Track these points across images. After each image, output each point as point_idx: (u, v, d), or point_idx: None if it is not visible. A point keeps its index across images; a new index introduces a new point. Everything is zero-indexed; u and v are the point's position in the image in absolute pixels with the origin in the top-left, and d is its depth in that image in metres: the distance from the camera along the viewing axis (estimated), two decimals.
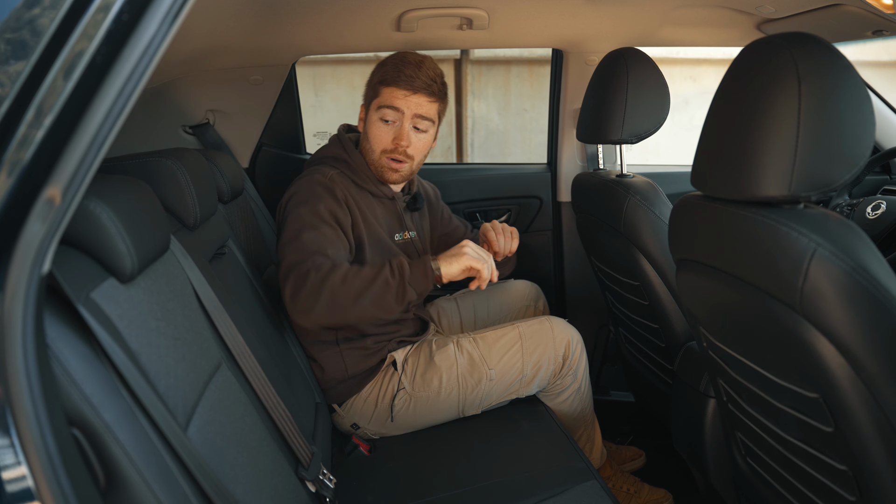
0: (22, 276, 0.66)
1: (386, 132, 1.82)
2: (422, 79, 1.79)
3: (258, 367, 1.32)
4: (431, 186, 2.19)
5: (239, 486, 1.02)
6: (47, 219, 0.67)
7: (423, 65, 1.81)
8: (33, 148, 0.65)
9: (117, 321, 0.89)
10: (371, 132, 1.84)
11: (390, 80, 1.79)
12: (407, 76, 1.77)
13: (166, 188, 1.34)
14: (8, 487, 0.66)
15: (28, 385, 0.66)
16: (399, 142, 1.80)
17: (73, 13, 0.67)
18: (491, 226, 1.94)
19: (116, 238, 0.93)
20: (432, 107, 1.83)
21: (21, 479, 0.66)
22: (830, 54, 1.01)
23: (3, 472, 0.66)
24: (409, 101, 1.79)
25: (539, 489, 1.48)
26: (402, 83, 1.78)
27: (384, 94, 1.80)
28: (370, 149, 1.84)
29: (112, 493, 0.77)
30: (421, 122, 1.82)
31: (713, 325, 1.31)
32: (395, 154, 1.82)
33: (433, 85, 1.82)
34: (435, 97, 1.83)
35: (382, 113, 1.80)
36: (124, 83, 0.68)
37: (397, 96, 1.79)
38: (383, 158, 1.83)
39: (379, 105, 1.81)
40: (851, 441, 1.04)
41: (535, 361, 1.84)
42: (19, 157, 0.65)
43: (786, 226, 1.01)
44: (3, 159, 0.65)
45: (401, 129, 1.81)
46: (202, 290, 1.26)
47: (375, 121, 1.82)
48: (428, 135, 1.87)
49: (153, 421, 0.84)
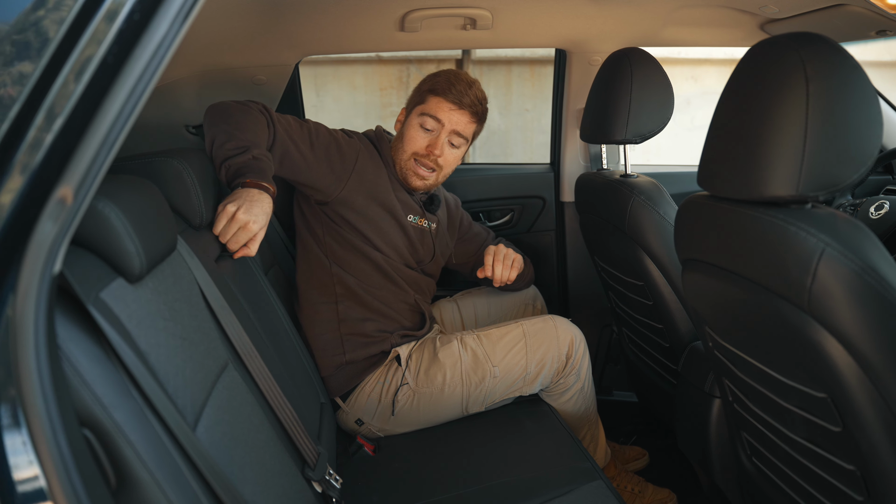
0: (34, 277, 0.66)
1: (422, 137, 1.89)
2: (470, 97, 1.87)
3: (264, 366, 1.32)
4: (454, 197, 2.24)
5: (247, 486, 1.02)
6: (59, 219, 0.67)
7: (473, 85, 1.90)
8: (45, 148, 0.65)
9: (126, 321, 0.89)
10: (407, 134, 1.91)
11: (440, 91, 1.87)
12: (457, 91, 1.86)
13: (172, 188, 1.34)
14: (20, 488, 0.66)
15: (40, 385, 0.66)
16: (433, 149, 1.88)
17: (83, 13, 0.67)
18: (494, 250, 1.99)
19: (125, 238, 0.93)
20: (471, 126, 1.92)
21: (33, 479, 0.66)
22: (838, 54, 1.01)
23: (16, 472, 0.66)
24: (452, 116, 1.87)
25: (545, 489, 1.48)
26: (451, 97, 1.86)
27: (430, 102, 1.88)
28: (402, 149, 1.91)
29: (123, 493, 0.77)
30: (457, 138, 1.90)
31: (719, 325, 1.31)
32: (426, 160, 1.88)
33: (478, 106, 1.90)
34: (476, 118, 1.92)
35: (423, 120, 1.88)
36: (135, 83, 0.68)
37: (442, 108, 1.87)
38: (412, 161, 1.90)
39: (422, 112, 1.88)
40: (860, 441, 1.04)
41: (538, 359, 1.84)
42: (31, 158, 0.65)
43: (794, 226, 1.01)
44: (16, 159, 0.65)
45: (437, 138, 1.88)
46: (208, 290, 1.26)
47: (414, 125, 1.90)
48: (460, 151, 1.94)
49: (163, 421, 0.84)
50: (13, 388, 0.66)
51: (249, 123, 1.61)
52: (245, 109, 1.65)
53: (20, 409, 0.66)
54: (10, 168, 0.64)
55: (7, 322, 0.66)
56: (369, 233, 1.85)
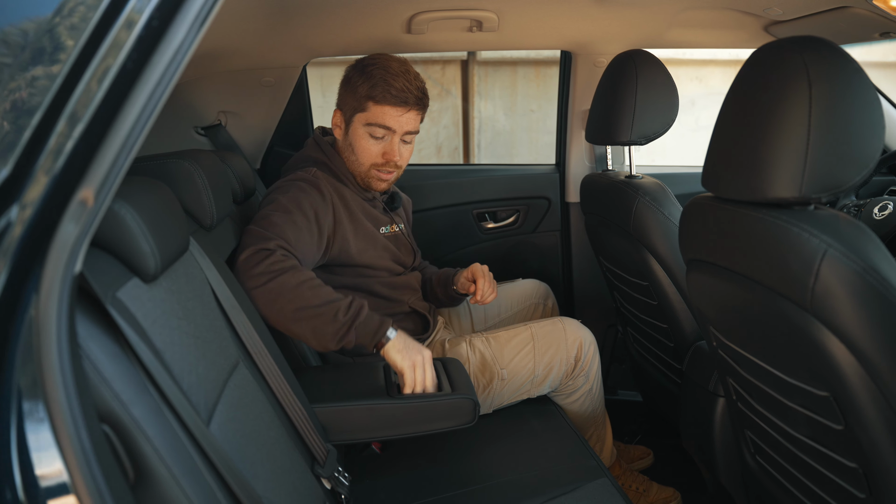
0: (56, 276, 0.68)
1: (375, 147, 1.79)
2: (413, 93, 1.75)
3: (274, 365, 1.34)
4: (408, 199, 2.17)
5: (259, 482, 1.04)
6: (80, 220, 0.69)
7: (409, 74, 1.76)
8: (67, 152, 0.67)
9: (142, 320, 0.91)
10: (358, 146, 1.80)
11: (380, 97, 1.73)
12: (398, 90, 1.72)
13: (184, 189, 1.36)
14: (43, 482, 0.68)
15: (63, 383, 0.68)
16: (391, 157, 1.79)
17: (104, 21, 0.68)
18: (483, 272, 1.93)
19: (140, 239, 0.95)
20: (419, 118, 1.83)
21: (57, 473, 0.68)
22: (841, 58, 1.03)
23: (39, 467, 0.68)
24: (401, 119, 1.76)
25: (550, 486, 1.49)
26: (395, 100, 1.73)
27: (374, 111, 1.75)
28: (357, 162, 1.81)
29: (141, 487, 0.79)
30: (408, 135, 1.82)
31: (724, 325, 1.32)
32: (386, 167, 1.81)
33: (423, 98, 1.79)
34: (424, 110, 1.82)
35: (372, 130, 1.77)
36: (154, 88, 0.70)
37: (388, 115, 1.75)
38: (372, 171, 1.82)
39: (368, 121, 1.76)
40: (862, 439, 1.05)
41: (546, 362, 1.85)
42: (53, 162, 0.67)
43: (797, 226, 1.02)
44: (39, 163, 0.66)
45: (391, 144, 1.78)
46: (220, 290, 1.28)
47: (363, 135, 1.78)
48: (413, 143, 1.86)
49: (179, 417, 0.86)
50: (37, 385, 0.68)
51: (306, 288, 1.50)
52: (279, 272, 1.49)
53: (43, 405, 0.68)
54: (34, 171, 0.66)
55: (30, 321, 0.68)
56: (359, 261, 1.80)
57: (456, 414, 1.52)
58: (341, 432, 1.49)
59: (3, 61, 0.67)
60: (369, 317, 1.52)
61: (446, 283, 2.03)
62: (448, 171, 2.76)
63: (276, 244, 1.52)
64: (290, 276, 1.48)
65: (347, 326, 1.49)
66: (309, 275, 1.52)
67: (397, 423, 1.51)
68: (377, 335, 1.51)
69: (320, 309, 1.48)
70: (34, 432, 0.68)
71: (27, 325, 0.68)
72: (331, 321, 1.48)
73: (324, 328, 1.48)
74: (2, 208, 0.65)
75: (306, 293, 1.48)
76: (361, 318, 1.50)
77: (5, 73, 0.66)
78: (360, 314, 1.50)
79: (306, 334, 1.50)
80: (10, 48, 0.67)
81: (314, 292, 1.49)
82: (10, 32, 0.67)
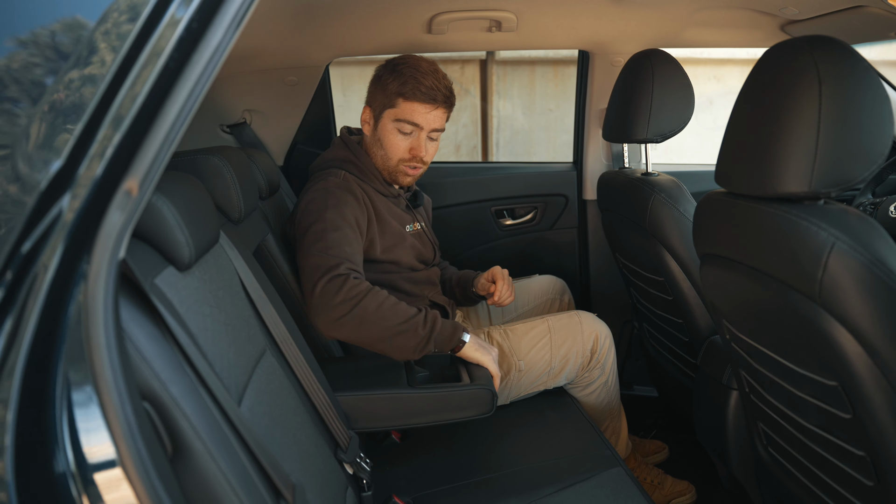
0: (103, 261, 0.73)
1: (403, 142, 1.85)
2: (441, 91, 1.81)
3: (299, 354, 1.39)
4: (429, 198, 2.21)
5: (287, 463, 1.08)
6: (126, 209, 0.73)
7: (438, 74, 1.83)
8: (115, 144, 0.71)
9: (178, 306, 0.96)
10: (387, 141, 1.86)
11: (410, 94, 1.79)
12: (428, 88, 1.79)
13: (213, 184, 1.41)
14: (91, 457, 0.72)
15: (110, 362, 0.72)
16: (417, 153, 1.85)
17: (148, 23, 0.73)
18: (502, 275, 1.99)
19: (176, 229, 1.00)
20: (446, 116, 1.89)
21: (104, 447, 0.72)
22: (850, 57, 1.06)
23: (87, 443, 0.72)
24: (429, 116, 1.82)
25: (566, 475, 1.53)
26: (423, 97, 1.79)
27: (403, 107, 1.81)
28: (385, 156, 1.87)
29: (178, 461, 0.84)
30: (435, 132, 1.88)
31: (736, 318, 1.35)
32: (412, 162, 1.87)
33: (451, 97, 1.86)
34: (450, 108, 1.88)
35: (400, 126, 1.83)
36: (193, 86, 0.75)
37: (417, 112, 1.81)
38: (400, 165, 1.88)
39: (397, 118, 1.82)
40: (869, 427, 1.08)
41: (563, 354, 1.89)
42: (102, 153, 0.71)
43: (806, 220, 1.05)
44: (89, 155, 0.71)
45: (418, 140, 1.85)
46: (248, 281, 1.33)
47: (392, 131, 1.85)
48: (438, 141, 1.93)
49: (214, 397, 0.91)
50: (85, 364, 0.72)
51: (387, 310, 1.58)
52: (357, 299, 1.56)
53: (91, 384, 0.73)
54: (84, 163, 0.71)
55: (79, 304, 0.73)
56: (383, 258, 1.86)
57: (474, 404, 1.56)
58: (363, 420, 1.54)
59: (57, 61, 0.72)
60: (444, 326, 1.63)
61: (465, 284, 2.09)
62: (467, 169, 2.80)
63: (346, 268, 1.60)
64: (369, 300, 1.57)
65: (426, 339, 1.60)
66: (383, 294, 1.61)
67: (417, 412, 1.56)
68: (453, 341, 1.64)
69: (402, 327, 1.58)
70: (83, 410, 0.73)
71: (76, 307, 0.72)
72: (412, 337, 1.59)
73: (405, 344, 1.59)
74: (55, 197, 0.70)
75: (388, 314, 1.57)
76: (437, 329, 1.61)
77: (60, 72, 0.71)
78: (437, 326, 1.62)
79: (389, 350, 1.60)
80: (63, 49, 0.72)
81: (394, 312, 1.59)
82: (63, 34, 0.72)
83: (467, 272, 2.13)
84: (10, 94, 0.70)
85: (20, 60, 0.71)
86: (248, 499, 0.88)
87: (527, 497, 1.46)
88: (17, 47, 0.71)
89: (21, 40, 0.71)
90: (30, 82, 0.71)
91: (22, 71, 0.71)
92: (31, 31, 0.71)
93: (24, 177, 0.69)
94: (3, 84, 0.70)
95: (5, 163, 0.69)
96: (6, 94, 0.70)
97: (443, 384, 1.55)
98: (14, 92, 0.71)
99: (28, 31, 0.71)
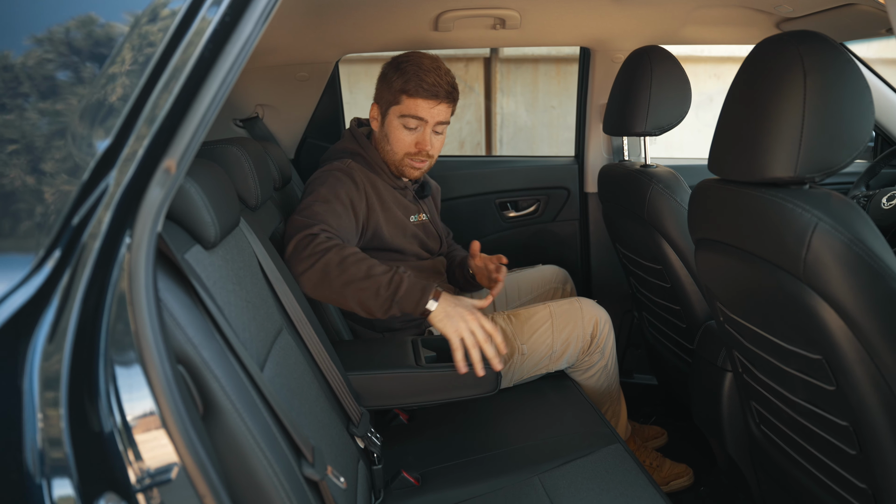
0: (144, 232, 0.80)
1: (409, 137, 1.91)
2: (444, 87, 1.87)
3: (314, 333, 1.46)
4: (436, 185, 2.28)
5: (304, 429, 1.16)
6: (165, 185, 0.81)
7: (440, 70, 1.88)
8: (156, 127, 0.79)
9: (206, 280, 1.03)
10: (393, 136, 1.92)
11: (413, 90, 1.85)
12: (430, 85, 1.84)
13: (232, 172, 1.48)
14: (134, 413, 0.79)
15: (150, 325, 0.80)
16: (423, 147, 1.92)
17: (186, 18, 0.80)
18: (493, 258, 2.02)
19: (203, 210, 1.08)
20: (450, 111, 1.94)
21: (146, 403, 0.79)
22: (833, 50, 1.13)
23: (130, 399, 0.79)
24: (433, 111, 1.88)
25: (566, 451, 1.60)
26: (427, 94, 1.85)
27: (407, 103, 1.87)
28: (392, 151, 1.94)
29: (209, 419, 0.91)
30: (440, 126, 1.94)
31: (728, 299, 1.43)
32: (419, 156, 1.94)
33: (453, 92, 1.91)
34: (454, 102, 1.94)
35: (405, 121, 1.89)
36: (226, 74, 0.82)
37: (421, 107, 1.87)
38: (405, 160, 1.94)
39: (402, 113, 1.88)
40: (850, 397, 1.15)
41: (564, 339, 1.96)
42: (146, 134, 0.79)
43: (791, 203, 1.13)
44: (133, 135, 0.78)
45: (423, 134, 1.91)
46: (265, 263, 1.40)
47: (397, 126, 1.91)
48: (444, 134, 1.99)
49: (241, 362, 0.98)
50: (128, 328, 0.79)
51: (350, 263, 1.59)
52: (323, 252, 1.60)
53: (133, 344, 0.80)
54: (129, 142, 0.78)
55: (122, 271, 0.80)
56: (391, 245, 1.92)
57: (479, 383, 1.63)
58: (373, 398, 1.61)
59: (104, 51, 0.79)
60: (410, 290, 1.57)
61: (463, 266, 2.17)
62: (472, 163, 2.88)
63: (319, 228, 1.65)
64: (334, 253, 1.59)
65: (390, 301, 1.57)
66: (352, 249, 1.62)
67: (424, 391, 1.63)
68: (419, 306, 1.57)
69: (363, 283, 1.56)
70: (125, 369, 0.79)
71: (119, 273, 0.79)
72: (374, 296, 1.57)
73: (368, 302, 1.58)
74: (103, 172, 0.77)
75: (350, 268, 1.57)
76: (401, 292, 1.57)
77: (107, 61, 0.78)
78: (400, 289, 1.57)
79: (355, 307, 1.60)
80: (109, 41, 0.79)
81: (357, 266, 1.58)
82: (109, 26, 0.79)
83: (465, 257, 2.19)
84: (59, 79, 0.78)
85: (73, 46, 0.78)
86: (272, 455, 0.95)
87: (529, 471, 1.53)
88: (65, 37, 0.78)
89: (57, 34, 0.78)
90: (80, 70, 0.78)
91: (73, 58, 0.78)
92: (78, 24, 0.79)
93: (76, 155, 0.77)
94: (50, 73, 0.77)
95: (60, 141, 0.76)
96: (57, 80, 0.78)
97: (448, 363, 1.62)
98: (65, 77, 0.78)
99: (76, 24, 0.79)
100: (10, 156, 0.76)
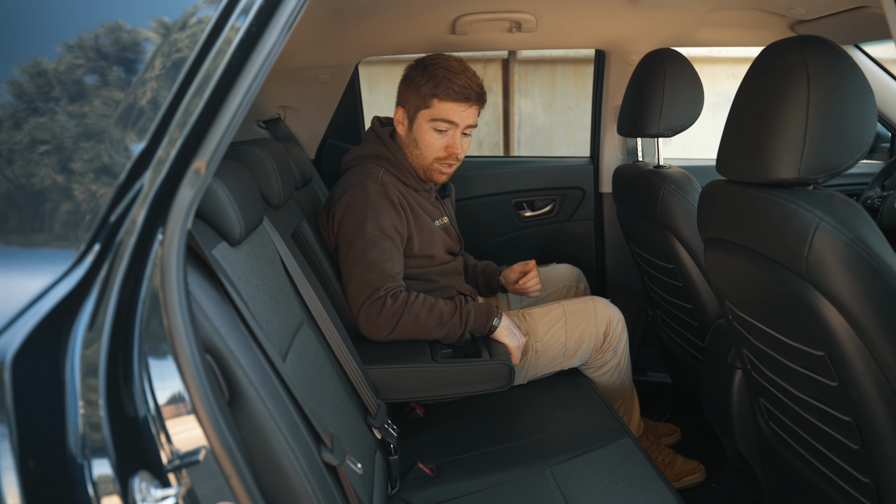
0: (176, 229, 0.86)
1: (439, 141, 1.90)
2: (474, 89, 1.86)
3: (333, 328, 1.52)
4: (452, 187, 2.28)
5: (324, 418, 1.21)
6: (195, 185, 0.86)
7: (468, 72, 1.88)
8: (187, 130, 0.84)
9: (231, 275, 1.09)
10: (423, 141, 1.91)
11: (444, 94, 1.84)
12: (461, 87, 1.84)
13: (255, 172, 1.54)
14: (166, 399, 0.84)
15: (181, 316, 0.85)
16: (453, 150, 1.91)
17: (216, 28, 0.86)
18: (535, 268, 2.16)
19: (229, 209, 1.14)
20: (478, 112, 1.94)
21: (177, 390, 0.84)
22: (837, 55, 1.16)
23: (162, 389, 0.84)
24: (464, 114, 1.87)
25: (577, 444, 1.64)
26: (459, 96, 1.84)
27: (438, 107, 1.86)
28: (421, 155, 1.93)
29: (234, 406, 0.97)
30: (469, 128, 1.94)
31: (736, 297, 1.46)
32: (448, 160, 1.94)
33: (483, 94, 1.91)
34: (483, 104, 1.94)
35: (436, 125, 1.87)
36: (252, 80, 0.87)
37: (452, 111, 1.86)
38: (435, 164, 1.94)
39: (433, 117, 1.87)
40: (852, 393, 1.19)
41: (577, 337, 2.00)
42: (178, 137, 0.84)
43: (794, 203, 1.16)
44: (166, 137, 0.84)
45: (453, 137, 1.90)
46: (287, 260, 1.46)
47: (427, 130, 1.89)
48: (471, 136, 2.00)
49: (264, 352, 1.04)
50: (161, 320, 0.85)
51: (424, 317, 1.79)
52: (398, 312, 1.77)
53: (165, 334, 0.85)
54: (162, 145, 0.84)
55: (155, 266, 0.85)
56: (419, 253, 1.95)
57: (493, 377, 1.68)
58: (390, 391, 1.66)
59: (136, 57, 0.85)
60: (477, 316, 1.83)
61: (490, 275, 2.23)
62: (489, 163, 2.92)
63: (384, 290, 1.77)
64: (407, 316, 1.76)
65: (463, 330, 1.81)
66: (419, 303, 1.79)
67: (440, 385, 1.68)
68: (486, 326, 1.84)
69: (440, 331, 1.80)
70: (157, 358, 0.85)
71: (152, 268, 0.85)
72: (451, 335, 1.81)
73: (445, 340, 1.82)
74: (138, 173, 0.82)
75: (426, 323, 1.78)
76: (471, 322, 1.82)
77: (141, 67, 0.83)
78: (470, 319, 1.82)
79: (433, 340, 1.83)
80: (139, 49, 0.85)
81: (430, 317, 1.78)
82: (141, 34, 0.85)
83: (489, 264, 2.25)
84: (88, 84, 0.83)
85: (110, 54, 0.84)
86: (293, 440, 1.01)
87: (541, 464, 1.58)
88: (100, 45, 0.84)
89: (94, 41, 0.84)
90: (113, 75, 0.84)
91: (109, 66, 0.83)
92: (117, 30, 0.84)
93: (113, 158, 0.82)
94: (83, 80, 0.83)
95: (99, 145, 0.82)
96: (86, 84, 0.83)
97: (463, 359, 1.67)
98: (95, 82, 0.83)
99: (117, 28, 0.84)
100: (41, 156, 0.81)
